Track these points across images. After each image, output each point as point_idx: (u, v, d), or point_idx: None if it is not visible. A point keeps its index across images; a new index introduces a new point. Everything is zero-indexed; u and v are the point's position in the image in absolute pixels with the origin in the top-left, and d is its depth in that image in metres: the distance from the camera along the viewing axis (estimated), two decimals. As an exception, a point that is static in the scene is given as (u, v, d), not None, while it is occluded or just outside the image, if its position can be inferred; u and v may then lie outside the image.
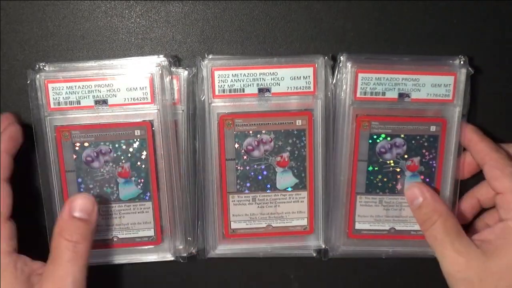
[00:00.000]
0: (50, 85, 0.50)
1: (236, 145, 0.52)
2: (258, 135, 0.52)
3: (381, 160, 0.53)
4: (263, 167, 0.53)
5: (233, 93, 0.51)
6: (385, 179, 0.53)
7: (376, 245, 0.54)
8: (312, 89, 0.52)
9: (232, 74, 0.51)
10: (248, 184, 0.53)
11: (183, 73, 0.51)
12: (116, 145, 0.51)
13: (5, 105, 0.52)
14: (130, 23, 0.52)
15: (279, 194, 0.54)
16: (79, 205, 0.47)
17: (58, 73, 0.50)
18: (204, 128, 0.52)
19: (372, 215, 0.54)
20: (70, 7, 0.52)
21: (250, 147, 0.53)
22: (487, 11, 0.53)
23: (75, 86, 0.50)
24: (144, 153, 0.52)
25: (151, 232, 0.53)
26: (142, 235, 0.53)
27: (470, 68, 0.51)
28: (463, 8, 0.52)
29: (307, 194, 0.54)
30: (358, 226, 0.54)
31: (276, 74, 0.51)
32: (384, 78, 0.51)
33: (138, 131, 0.51)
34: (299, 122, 0.52)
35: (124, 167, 0.52)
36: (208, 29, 0.52)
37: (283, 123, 0.52)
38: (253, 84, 0.51)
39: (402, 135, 0.52)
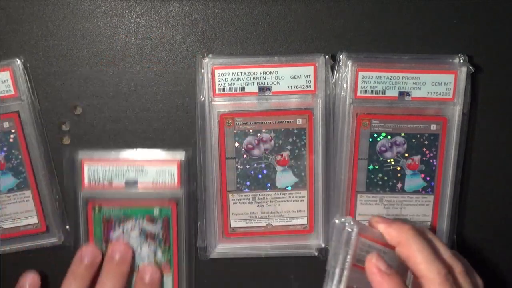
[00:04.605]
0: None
1: (236, 144, 0.52)
2: (258, 134, 0.52)
3: (381, 158, 0.53)
4: (263, 165, 0.53)
5: (233, 92, 0.51)
6: (385, 178, 0.53)
7: (377, 244, 0.54)
8: (312, 88, 0.52)
9: (233, 73, 0.51)
10: (248, 183, 0.53)
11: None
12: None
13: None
14: (130, 23, 0.52)
15: (279, 193, 0.54)
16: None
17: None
18: (204, 126, 0.52)
19: (372, 214, 0.53)
20: (70, 7, 0.52)
21: (250, 146, 0.53)
22: (487, 10, 0.53)
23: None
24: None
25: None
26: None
27: (470, 67, 0.51)
28: (463, 7, 0.52)
29: (307, 193, 0.53)
30: (358, 224, 0.54)
31: (276, 73, 0.51)
32: (384, 76, 0.51)
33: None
34: (299, 121, 0.52)
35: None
36: (208, 29, 0.52)
37: (283, 122, 0.52)
38: (253, 82, 0.51)
39: (403, 134, 0.52)
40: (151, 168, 0.53)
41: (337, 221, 0.44)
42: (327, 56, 0.51)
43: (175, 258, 0.54)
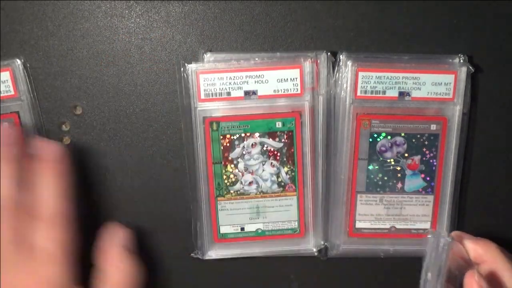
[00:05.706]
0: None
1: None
2: (258, 134, 0.53)
3: (381, 158, 0.53)
4: (263, 165, 0.53)
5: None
6: (385, 178, 0.53)
7: (377, 244, 0.54)
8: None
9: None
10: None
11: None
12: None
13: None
14: (130, 23, 0.52)
15: (279, 193, 0.54)
16: None
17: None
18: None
19: (372, 214, 0.54)
20: (70, 7, 0.52)
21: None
22: (487, 10, 0.53)
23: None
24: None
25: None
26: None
27: (470, 67, 0.51)
28: (463, 7, 0.52)
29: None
30: (358, 224, 0.54)
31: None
32: (384, 76, 0.51)
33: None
34: (299, 121, 0.53)
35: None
36: (208, 29, 0.52)
37: (283, 121, 0.53)
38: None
39: (403, 134, 0.52)
40: (272, 74, 0.50)
41: (430, 236, 0.45)
42: (329, 53, 0.51)
43: (300, 178, 0.52)
